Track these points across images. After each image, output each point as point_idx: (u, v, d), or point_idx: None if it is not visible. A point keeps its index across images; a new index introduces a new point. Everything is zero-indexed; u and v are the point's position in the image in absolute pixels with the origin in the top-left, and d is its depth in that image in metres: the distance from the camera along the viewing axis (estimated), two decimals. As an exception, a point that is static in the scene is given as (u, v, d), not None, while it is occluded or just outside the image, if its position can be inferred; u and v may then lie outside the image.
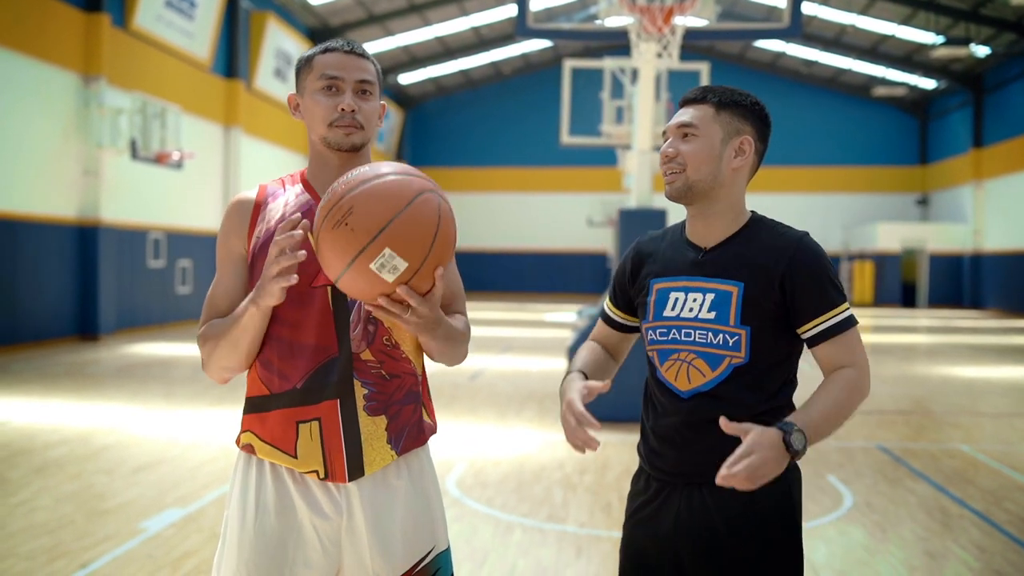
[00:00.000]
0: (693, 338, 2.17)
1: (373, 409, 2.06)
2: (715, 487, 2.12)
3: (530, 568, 4.72)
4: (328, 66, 2.09)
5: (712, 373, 2.15)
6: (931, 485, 6.50)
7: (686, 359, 2.18)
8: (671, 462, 2.21)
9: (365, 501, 2.06)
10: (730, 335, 2.14)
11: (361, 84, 2.10)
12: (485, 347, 15.72)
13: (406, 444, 2.12)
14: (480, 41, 32.48)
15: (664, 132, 2.27)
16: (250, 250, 2.10)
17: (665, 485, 2.23)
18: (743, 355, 2.13)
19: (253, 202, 2.13)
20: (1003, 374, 13.41)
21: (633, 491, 2.34)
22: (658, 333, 2.23)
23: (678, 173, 2.19)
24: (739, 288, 2.14)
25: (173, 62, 19.32)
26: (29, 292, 14.84)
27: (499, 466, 6.93)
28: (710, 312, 2.16)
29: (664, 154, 2.22)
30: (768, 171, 34.99)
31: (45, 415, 8.90)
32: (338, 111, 2.07)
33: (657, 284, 2.26)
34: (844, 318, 2.12)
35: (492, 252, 36.27)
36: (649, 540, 2.24)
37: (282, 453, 2.04)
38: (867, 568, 4.75)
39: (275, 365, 2.06)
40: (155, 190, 18.64)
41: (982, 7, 25.12)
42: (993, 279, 29.07)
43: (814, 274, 2.13)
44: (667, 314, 2.22)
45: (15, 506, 5.66)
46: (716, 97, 2.22)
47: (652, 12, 10.83)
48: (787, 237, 2.18)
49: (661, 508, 2.22)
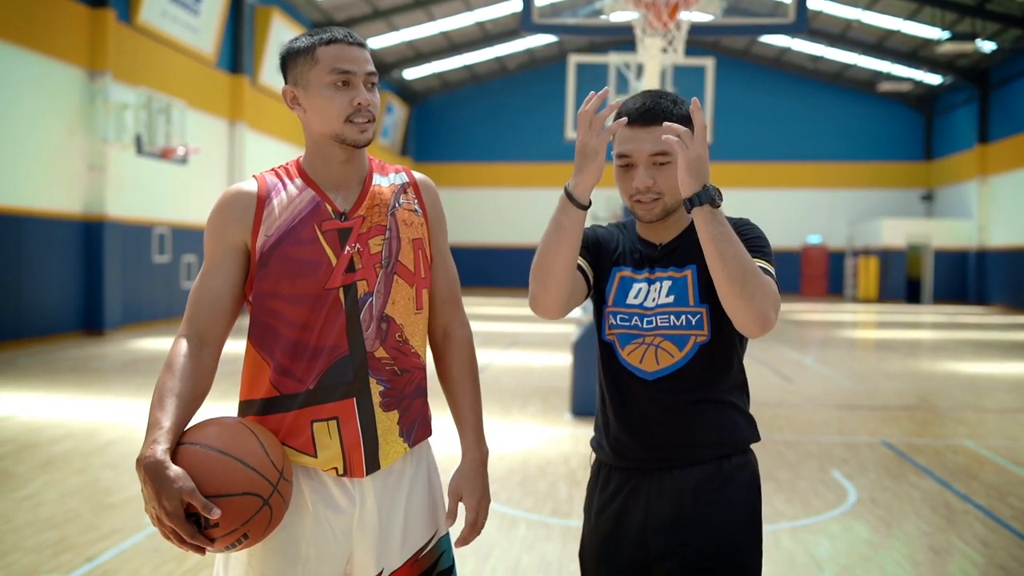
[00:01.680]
0: (655, 324, 2.20)
1: (387, 405, 2.07)
2: (686, 468, 2.18)
3: (535, 563, 4.73)
4: (338, 59, 2.03)
5: (680, 353, 2.19)
6: (935, 480, 6.50)
7: (653, 342, 2.20)
8: (640, 451, 2.21)
9: (378, 492, 2.08)
10: (691, 315, 2.18)
11: (370, 77, 2.06)
12: (490, 342, 15.73)
13: (417, 436, 2.14)
14: (485, 36, 32.44)
15: (624, 156, 2.19)
16: (257, 247, 2.04)
17: (632, 475, 2.23)
18: (706, 333, 2.18)
19: (255, 195, 2.07)
20: (1008, 370, 13.38)
21: (593, 491, 2.32)
22: (619, 319, 2.25)
23: (656, 200, 2.19)
24: (692, 270, 2.20)
25: (178, 57, 19.34)
26: (34, 287, 14.87)
27: (504, 461, 6.94)
28: (669, 296, 2.21)
29: (642, 186, 2.17)
30: (773, 167, 35.01)
31: (51, 410, 8.93)
32: (354, 106, 2.03)
33: (619, 272, 2.29)
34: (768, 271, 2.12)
35: (497, 248, 36.25)
36: (623, 533, 2.22)
37: (301, 454, 2.03)
38: (871, 563, 4.76)
39: (286, 366, 2.03)
40: (160, 185, 18.66)
41: (988, 2, 25.04)
42: (998, 275, 29.02)
43: (752, 241, 2.16)
44: (630, 301, 2.25)
45: (21, 500, 5.68)
46: (674, 112, 2.18)
47: (657, 7, 10.82)
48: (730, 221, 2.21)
49: (631, 497, 2.22)
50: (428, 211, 2.20)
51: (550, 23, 16.80)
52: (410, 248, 2.11)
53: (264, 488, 1.84)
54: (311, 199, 2.07)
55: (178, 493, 1.74)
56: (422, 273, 2.14)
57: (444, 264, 2.24)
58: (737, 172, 33.69)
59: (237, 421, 1.95)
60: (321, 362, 2.02)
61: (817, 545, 5.05)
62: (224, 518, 1.78)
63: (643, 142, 2.17)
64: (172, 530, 1.76)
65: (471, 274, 34.12)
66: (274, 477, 1.87)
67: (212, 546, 1.81)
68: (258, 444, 1.89)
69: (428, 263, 2.17)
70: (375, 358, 2.06)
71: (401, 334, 2.09)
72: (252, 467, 1.84)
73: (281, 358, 2.03)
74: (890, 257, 31.45)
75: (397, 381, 2.09)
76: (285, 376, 2.03)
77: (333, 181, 2.10)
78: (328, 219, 2.06)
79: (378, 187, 2.14)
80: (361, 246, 2.06)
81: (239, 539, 1.83)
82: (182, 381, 1.94)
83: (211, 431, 1.88)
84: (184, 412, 1.91)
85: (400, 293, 2.09)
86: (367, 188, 2.12)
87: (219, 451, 1.83)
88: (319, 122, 2.07)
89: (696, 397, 2.18)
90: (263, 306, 2.05)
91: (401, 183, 2.18)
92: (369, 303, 2.05)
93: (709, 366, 2.19)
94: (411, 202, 2.16)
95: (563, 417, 8.83)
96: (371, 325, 2.05)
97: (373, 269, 2.06)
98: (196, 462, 1.80)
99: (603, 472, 2.30)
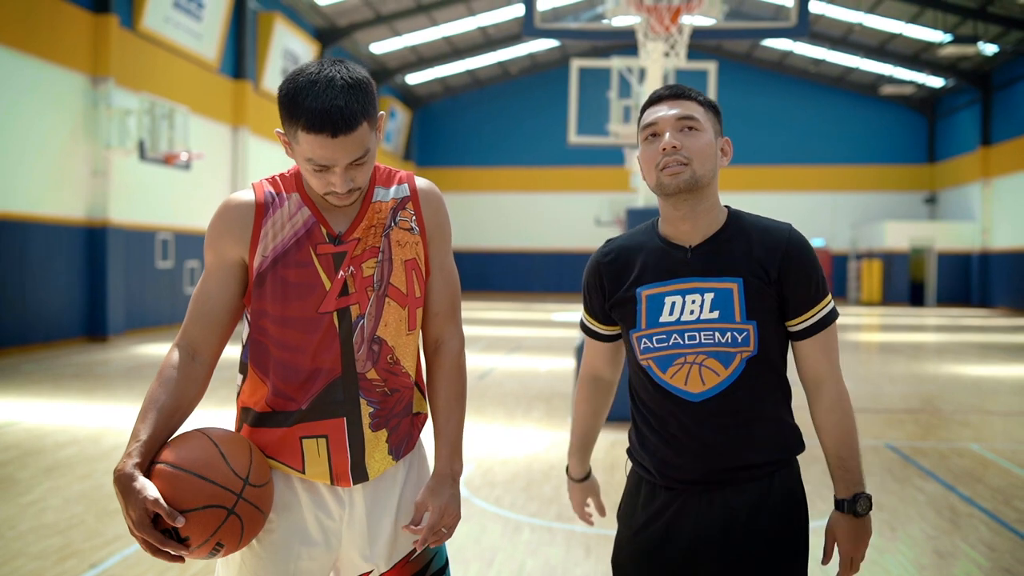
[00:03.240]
0: (698, 340, 2.11)
1: (376, 425, 2.08)
2: (737, 484, 2.13)
3: (539, 567, 4.72)
4: (316, 154, 1.91)
5: (727, 371, 2.11)
6: (940, 484, 6.49)
7: (696, 360, 2.12)
8: (692, 469, 2.14)
9: (368, 497, 2.11)
10: (738, 332, 2.10)
11: (356, 162, 1.95)
12: (493, 347, 15.72)
13: (405, 450, 2.17)
14: (487, 41, 32.47)
15: (650, 125, 2.15)
16: (254, 266, 2.03)
17: (679, 494, 2.16)
18: (752, 348, 2.11)
19: (253, 206, 2.04)
20: (1012, 372, 13.36)
21: (635, 504, 2.26)
22: (655, 340, 2.15)
23: (684, 165, 2.09)
24: (738, 284, 2.11)
25: (181, 63, 19.37)
26: (38, 293, 14.89)
27: (507, 465, 6.94)
28: (713, 311, 2.11)
29: (668, 146, 2.09)
30: (776, 170, 35.00)
31: (54, 416, 8.93)
32: (330, 190, 1.98)
33: (646, 291, 2.18)
34: (829, 312, 2.17)
35: (500, 252, 36.26)
36: (670, 552, 2.16)
37: (287, 467, 2.06)
38: (876, 566, 4.75)
39: (280, 388, 2.05)
40: (163, 191, 18.69)
41: (990, 5, 25.04)
42: (1002, 277, 28.97)
43: (805, 268, 2.13)
44: (664, 319, 2.14)
45: (25, 506, 5.68)
46: (699, 96, 2.17)
47: (659, 11, 10.82)
48: (776, 231, 2.16)
49: (679, 516, 2.16)
50: (427, 225, 2.15)
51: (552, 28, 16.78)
52: (402, 270, 2.09)
53: (227, 499, 1.89)
54: (306, 220, 2.05)
55: (142, 503, 1.81)
56: (416, 293, 2.12)
57: (443, 276, 2.20)
58: (740, 176, 33.67)
59: (199, 434, 1.97)
60: (316, 384, 2.04)
61: (821, 549, 5.03)
62: (192, 531, 1.85)
63: (669, 109, 2.13)
64: (143, 539, 1.83)
65: (473, 278, 34.13)
66: (237, 486, 1.91)
67: (189, 554, 1.88)
68: (218, 456, 1.93)
69: (423, 282, 2.15)
70: (366, 379, 2.06)
71: (392, 356, 2.09)
72: (211, 480, 1.89)
73: (275, 379, 2.05)
74: (893, 260, 31.41)
75: (387, 401, 2.10)
76: (279, 396, 2.05)
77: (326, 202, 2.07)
78: (323, 243, 2.04)
79: (377, 204, 2.10)
80: (355, 269, 2.05)
81: (215, 548, 1.90)
82: (167, 393, 1.98)
83: (172, 449, 1.94)
84: (164, 424, 1.96)
85: (392, 315, 2.08)
86: (366, 207, 2.09)
87: (178, 468, 1.89)
88: None
89: (746, 416, 2.12)
90: (258, 324, 2.06)
91: (401, 198, 2.13)
92: (361, 325, 2.05)
93: (757, 381, 2.13)
94: (408, 219, 2.12)
95: (567, 422, 8.82)
96: (362, 347, 2.05)
97: (365, 292, 2.05)
98: (160, 479, 1.87)
99: (645, 487, 2.24)
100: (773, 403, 2.16)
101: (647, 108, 2.19)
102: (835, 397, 2.17)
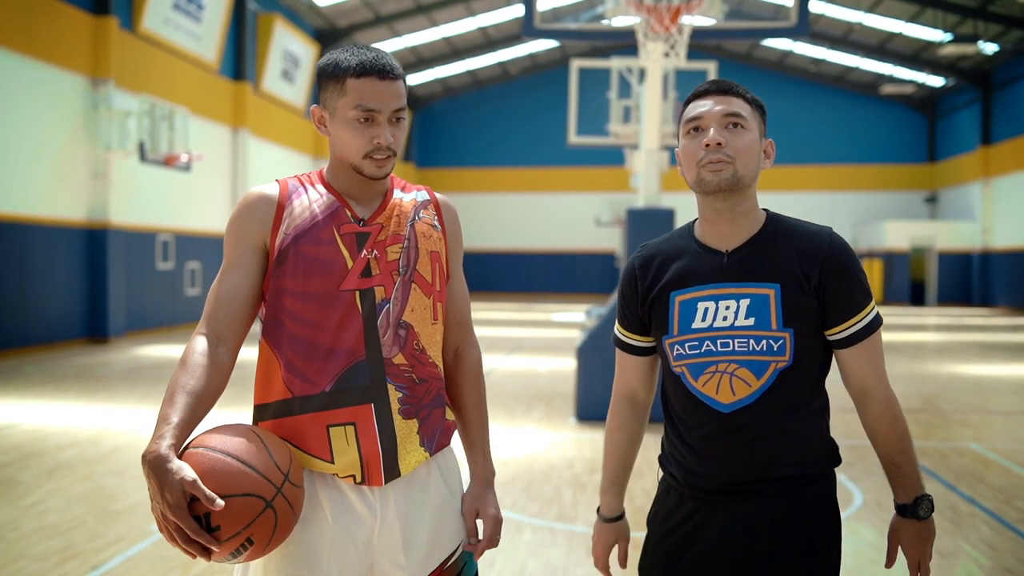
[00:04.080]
0: (732, 347, 2.04)
1: (407, 413, 2.05)
2: (763, 497, 2.07)
3: (540, 568, 4.72)
4: (365, 96, 1.99)
5: (758, 382, 2.04)
6: (941, 483, 6.49)
7: (727, 370, 2.05)
8: (716, 480, 2.09)
9: (399, 502, 2.05)
10: (774, 340, 2.03)
11: (396, 113, 2.03)
12: (494, 347, 15.73)
13: (439, 443, 2.12)
14: (487, 41, 32.49)
15: (694, 119, 2.08)
16: (275, 246, 2.03)
17: (705, 504, 2.11)
18: (787, 358, 2.03)
19: (276, 200, 2.06)
20: (1013, 372, 13.36)
21: (663, 511, 2.21)
22: (687, 347, 2.09)
23: (727, 163, 2.02)
24: (775, 290, 2.03)
25: (181, 64, 19.37)
26: (39, 295, 14.90)
27: (508, 466, 6.94)
28: (748, 318, 2.04)
29: (713, 142, 2.02)
30: (777, 169, 34.94)
31: (55, 417, 8.94)
32: (374, 144, 2.01)
33: (679, 296, 2.11)
34: (873, 318, 2.08)
35: (500, 252, 36.27)
36: (690, 562, 2.12)
37: (317, 459, 2.00)
38: (877, 567, 4.74)
39: (298, 367, 2.01)
40: (163, 192, 18.69)
41: (990, 4, 25.05)
42: (1002, 277, 28.97)
43: (847, 274, 2.06)
44: (697, 326, 2.08)
45: (26, 508, 5.69)
46: (747, 93, 2.11)
47: (659, 11, 10.82)
48: (816, 235, 2.09)
49: (704, 525, 2.11)
50: (447, 230, 2.20)
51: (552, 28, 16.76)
52: (428, 259, 2.11)
53: (267, 490, 1.82)
54: (331, 203, 2.07)
55: (180, 484, 1.71)
56: (438, 286, 2.13)
57: (459, 285, 2.26)
58: (740, 175, 33.63)
59: (241, 425, 1.94)
60: (336, 364, 2.01)
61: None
62: (226, 520, 1.76)
63: (715, 105, 2.06)
64: (176, 526, 1.73)
65: (474, 279, 34.11)
66: (278, 480, 1.85)
67: (217, 547, 1.77)
68: (262, 446, 1.87)
69: (445, 278, 2.17)
70: (393, 364, 2.04)
71: (419, 342, 2.08)
72: (254, 468, 1.82)
73: (291, 355, 2.01)
74: (894, 259, 31.41)
75: (416, 389, 2.07)
76: (296, 376, 2.01)
77: (354, 193, 2.10)
78: (347, 223, 2.06)
79: (399, 200, 2.14)
80: (379, 252, 2.06)
81: (243, 543, 1.80)
82: (195, 377, 1.91)
83: (214, 435, 1.87)
84: (195, 408, 1.88)
85: (418, 302, 2.08)
86: (387, 201, 2.12)
87: (220, 452, 1.82)
88: (340, 150, 2.06)
89: (774, 429, 2.05)
90: (277, 303, 2.04)
91: (422, 200, 2.18)
92: (387, 309, 2.04)
93: (789, 393, 2.05)
94: (431, 217, 2.16)
95: (567, 422, 8.82)
96: (388, 331, 2.04)
97: (391, 276, 2.05)
98: (197, 463, 1.79)
99: (673, 494, 2.19)
100: (805, 417, 2.08)
101: (691, 101, 2.12)
102: (883, 404, 2.12)
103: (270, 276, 2.05)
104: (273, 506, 1.83)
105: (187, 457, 1.80)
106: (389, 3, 26.83)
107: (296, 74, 25.33)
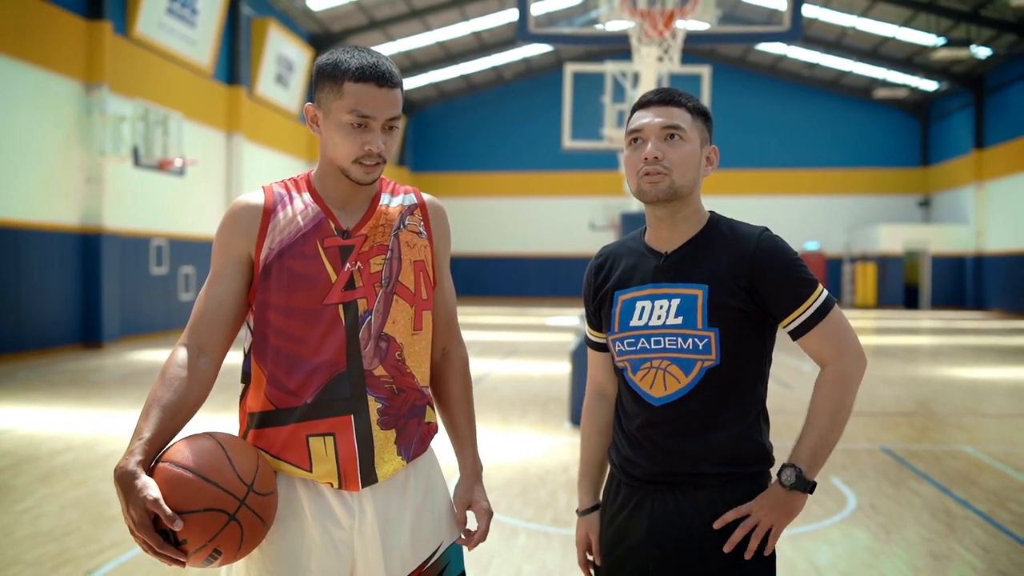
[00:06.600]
0: (663, 345, 2.14)
1: (385, 424, 2.07)
2: (688, 490, 2.13)
3: (535, 572, 4.72)
4: (361, 102, 1.99)
5: (686, 379, 2.12)
6: (935, 486, 6.50)
7: (660, 366, 2.15)
8: (645, 469, 2.17)
9: (378, 504, 2.07)
10: (699, 339, 2.11)
11: (391, 121, 2.04)
12: (488, 352, 15.73)
13: (415, 451, 2.14)
14: (481, 46, 32.52)
15: (635, 131, 2.17)
16: (260, 259, 2.05)
17: (636, 491, 2.20)
18: (714, 357, 2.11)
19: (261, 208, 2.07)
20: (1006, 375, 13.39)
21: (607, 500, 2.30)
22: (626, 344, 2.19)
23: (664, 175, 2.11)
24: (703, 291, 2.12)
25: (175, 69, 19.37)
26: (33, 300, 14.87)
27: (503, 470, 6.94)
28: (677, 317, 2.13)
29: (650, 156, 2.11)
30: (770, 174, 35.06)
31: (50, 422, 8.92)
32: (365, 150, 2.02)
33: (622, 295, 2.22)
34: (820, 305, 2.12)
35: (494, 257, 36.27)
36: (625, 550, 2.20)
37: (295, 467, 2.03)
38: (871, 570, 4.76)
39: (281, 380, 2.03)
40: (158, 197, 18.68)
41: (983, 8, 25.12)
42: (995, 280, 29.06)
43: (779, 269, 2.11)
44: (634, 324, 2.18)
45: (20, 513, 5.67)
46: (689, 102, 2.18)
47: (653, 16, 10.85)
48: (745, 236, 2.15)
49: (633, 514, 2.19)
50: (433, 234, 2.20)
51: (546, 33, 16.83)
52: (411, 269, 2.12)
53: (229, 503, 1.86)
54: (315, 214, 2.08)
55: (142, 503, 1.77)
56: (423, 295, 2.15)
57: (447, 287, 2.28)
58: (734, 180, 33.72)
59: (207, 437, 1.95)
60: (318, 377, 2.03)
61: (817, 552, 5.05)
62: (191, 534, 1.82)
63: (655, 117, 2.14)
64: (143, 540, 1.79)
65: (468, 284, 34.14)
66: (240, 492, 1.88)
67: (187, 560, 1.85)
68: (224, 459, 1.90)
69: (431, 285, 2.18)
70: (373, 376, 2.06)
71: (400, 353, 2.10)
72: (215, 483, 1.86)
73: (274, 369, 2.04)
74: (888, 263, 31.49)
75: (395, 400, 2.09)
76: (279, 390, 2.03)
77: (340, 199, 2.11)
78: (330, 236, 2.07)
79: (385, 207, 2.14)
80: (362, 264, 2.07)
81: (212, 554, 1.86)
82: (171, 391, 1.95)
83: (180, 448, 1.91)
84: (169, 423, 1.92)
85: (400, 313, 2.10)
86: (373, 208, 2.13)
87: (182, 467, 1.86)
88: (330, 152, 2.07)
89: (701, 425, 2.12)
90: (262, 316, 2.06)
91: (409, 204, 2.19)
92: (368, 321, 2.06)
93: (716, 392, 2.12)
94: (417, 224, 2.17)
95: (562, 426, 8.83)
96: (369, 343, 2.06)
97: (373, 288, 2.07)
98: (163, 480, 1.84)
99: (614, 483, 2.29)
100: (733, 416, 2.14)
101: (636, 111, 2.21)
102: (831, 375, 2.13)
103: (256, 288, 2.06)
104: (237, 518, 1.87)
105: (155, 472, 1.86)
106: (383, 7, 26.85)
107: (290, 79, 25.33)
